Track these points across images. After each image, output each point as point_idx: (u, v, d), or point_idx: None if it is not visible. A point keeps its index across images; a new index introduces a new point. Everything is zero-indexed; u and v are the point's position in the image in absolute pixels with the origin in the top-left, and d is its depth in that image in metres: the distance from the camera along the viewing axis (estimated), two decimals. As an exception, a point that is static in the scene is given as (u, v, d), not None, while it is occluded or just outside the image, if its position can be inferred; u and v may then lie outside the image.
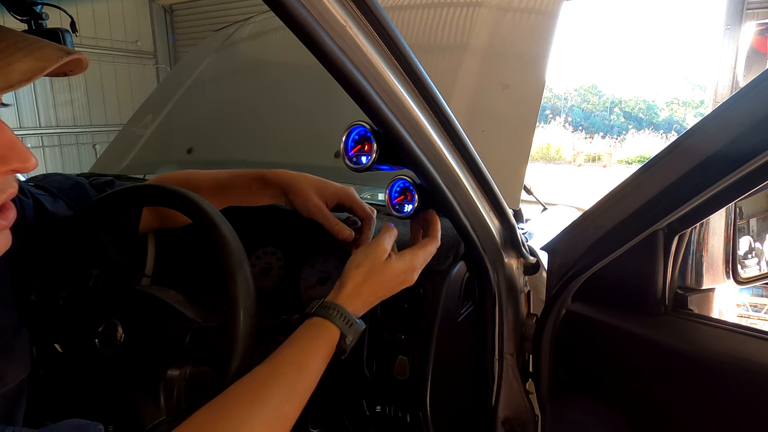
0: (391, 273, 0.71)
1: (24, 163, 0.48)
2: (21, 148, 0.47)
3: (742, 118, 0.59)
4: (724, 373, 0.65)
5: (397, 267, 0.72)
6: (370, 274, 0.70)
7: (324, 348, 0.63)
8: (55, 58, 0.46)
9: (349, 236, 0.83)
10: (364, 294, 0.69)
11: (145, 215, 0.88)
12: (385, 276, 0.71)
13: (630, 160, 15.71)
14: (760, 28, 4.54)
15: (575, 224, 0.81)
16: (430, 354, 0.81)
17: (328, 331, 0.64)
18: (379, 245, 0.72)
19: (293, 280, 0.93)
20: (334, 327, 0.65)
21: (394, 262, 0.72)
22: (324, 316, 0.65)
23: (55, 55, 0.46)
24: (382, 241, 0.72)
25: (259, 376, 0.58)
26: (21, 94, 6.63)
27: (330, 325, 0.65)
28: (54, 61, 0.46)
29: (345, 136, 0.69)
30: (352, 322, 0.66)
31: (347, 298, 0.68)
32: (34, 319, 0.69)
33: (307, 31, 0.47)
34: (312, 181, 0.86)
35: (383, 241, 0.72)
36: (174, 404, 0.64)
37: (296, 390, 0.59)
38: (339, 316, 0.65)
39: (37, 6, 1.21)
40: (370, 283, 0.69)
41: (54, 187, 0.79)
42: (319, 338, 0.64)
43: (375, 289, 0.70)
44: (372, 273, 0.70)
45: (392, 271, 0.71)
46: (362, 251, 0.72)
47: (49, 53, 0.46)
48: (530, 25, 1.31)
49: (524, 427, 0.93)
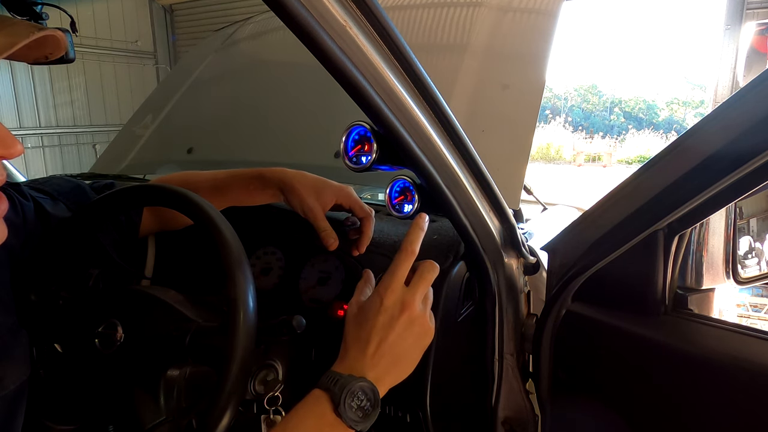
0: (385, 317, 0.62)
1: (9, 149, 0.47)
2: (5, 134, 0.47)
3: (742, 118, 0.59)
4: (724, 373, 0.65)
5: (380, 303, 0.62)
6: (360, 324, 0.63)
7: (314, 417, 0.57)
8: (25, 34, 0.46)
9: (333, 245, 0.82)
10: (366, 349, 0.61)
11: (145, 217, 0.88)
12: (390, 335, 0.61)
13: (630, 160, 15.72)
14: (760, 28, 4.55)
15: (575, 224, 0.81)
16: (430, 354, 0.81)
17: (316, 398, 0.58)
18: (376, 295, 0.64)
19: (293, 280, 0.93)
20: (320, 390, 0.58)
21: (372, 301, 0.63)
22: (320, 386, 0.59)
23: (25, 31, 0.46)
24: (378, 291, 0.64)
25: None
26: (21, 94, 6.64)
27: (317, 391, 0.59)
28: (24, 36, 0.45)
29: (345, 136, 0.69)
30: (336, 378, 0.58)
31: (338, 361, 0.62)
32: (34, 319, 0.69)
33: (307, 31, 0.47)
34: (310, 179, 0.86)
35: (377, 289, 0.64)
36: (174, 404, 0.64)
37: None
38: (325, 378, 0.59)
39: (37, 6, 1.21)
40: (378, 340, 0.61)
41: (54, 190, 0.79)
42: (306, 405, 0.58)
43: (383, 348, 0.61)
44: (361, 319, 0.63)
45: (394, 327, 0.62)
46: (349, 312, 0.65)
47: (19, 29, 0.46)
48: (530, 25, 1.31)
49: (524, 427, 0.93)
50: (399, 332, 0.62)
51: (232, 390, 0.57)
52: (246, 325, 0.59)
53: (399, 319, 0.62)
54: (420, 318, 0.64)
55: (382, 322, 0.62)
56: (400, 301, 0.63)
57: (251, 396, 0.69)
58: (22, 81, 6.64)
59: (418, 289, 0.65)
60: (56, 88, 7.07)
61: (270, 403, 0.68)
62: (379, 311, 0.62)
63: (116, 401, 0.65)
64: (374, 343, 0.61)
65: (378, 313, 0.62)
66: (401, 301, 0.63)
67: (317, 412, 0.57)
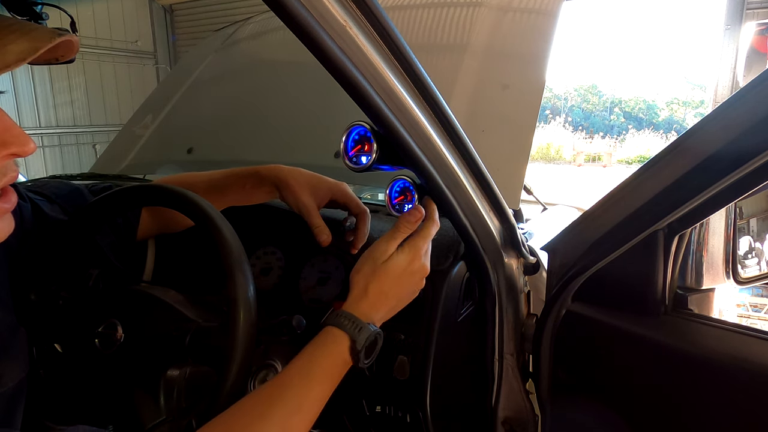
0: (396, 268, 0.69)
1: (23, 147, 0.49)
2: (19, 133, 0.49)
3: (742, 118, 0.59)
4: (724, 373, 0.65)
5: (400, 260, 0.69)
6: (372, 276, 0.68)
7: (333, 356, 0.61)
8: (47, 38, 0.48)
9: (325, 241, 0.83)
10: (372, 296, 0.67)
11: (144, 220, 0.88)
12: (390, 273, 0.68)
13: (630, 160, 15.71)
14: (760, 28, 4.55)
15: (575, 224, 0.81)
16: (430, 354, 0.81)
17: (335, 338, 0.62)
18: (377, 247, 0.70)
19: (293, 280, 0.93)
20: (342, 333, 0.63)
21: (395, 257, 0.69)
22: (332, 324, 0.64)
23: (47, 36, 0.48)
24: (381, 243, 0.71)
25: (266, 390, 0.58)
26: (21, 94, 6.64)
27: (337, 332, 0.63)
28: (47, 41, 0.47)
29: (345, 136, 0.69)
30: (361, 326, 0.63)
31: (354, 304, 0.66)
32: (34, 318, 0.69)
33: (307, 31, 0.47)
34: (305, 176, 0.86)
35: (382, 242, 0.71)
36: (174, 404, 0.64)
37: (304, 402, 0.58)
38: (347, 321, 0.63)
39: (37, 6, 1.21)
40: (376, 283, 0.67)
41: (52, 193, 0.79)
42: (325, 346, 0.62)
43: (384, 289, 0.68)
44: (374, 274, 0.68)
45: (396, 266, 0.69)
46: (362, 256, 0.70)
47: (41, 35, 0.48)
48: (530, 25, 1.31)
49: (524, 427, 0.93)
50: (408, 280, 0.70)
51: (232, 390, 0.57)
52: (246, 325, 0.59)
53: (411, 269, 0.70)
54: (424, 267, 0.72)
55: (399, 271, 0.69)
56: (416, 253, 0.71)
57: (251, 396, 0.69)
58: (22, 81, 6.64)
59: (426, 241, 0.72)
60: (56, 88, 7.07)
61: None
62: (398, 262, 0.69)
63: (116, 401, 0.65)
64: (387, 289, 0.68)
65: (397, 263, 0.69)
66: (416, 253, 0.71)
67: (336, 351, 0.62)
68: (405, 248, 0.71)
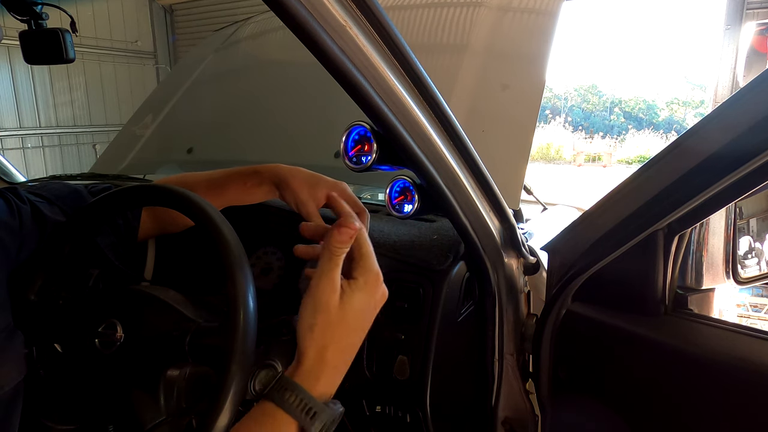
0: (356, 311, 0.54)
1: None
2: None
3: (742, 118, 0.59)
4: (724, 373, 0.65)
5: (359, 297, 0.54)
6: (328, 330, 0.53)
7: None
8: None
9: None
10: (332, 360, 0.53)
11: (144, 221, 0.88)
12: (349, 319, 0.54)
13: (630, 160, 15.72)
14: (760, 28, 4.55)
15: (575, 224, 0.81)
16: (430, 354, 0.81)
17: (276, 423, 0.49)
18: (319, 287, 0.54)
19: (293, 280, 0.93)
20: (287, 417, 0.49)
21: (350, 295, 0.54)
22: (275, 401, 0.50)
23: None
24: (322, 279, 0.54)
25: None
26: (21, 94, 6.64)
27: (281, 415, 0.49)
28: None
29: (345, 136, 0.69)
30: (316, 410, 0.49)
31: (309, 374, 0.52)
32: (34, 319, 0.69)
33: (307, 31, 0.47)
34: (304, 175, 0.86)
35: (322, 278, 0.54)
36: (174, 404, 0.64)
37: None
38: (296, 401, 0.50)
39: (37, 6, 1.21)
40: (335, 341, 0.53)
41: (51, 194, 0.79)
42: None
43: (346, 343, 0.54)
44: (330, 327, 0.53)
45: (356, 307, 0.54)
46: (308, 303, 0.54)
47: None
48: (530, 25, 1.31)
49: (524, 427, 0.93)
50: (371, 317, 0.57)
51: (232, 390, 0.57)
52: (246, 325, 0.59)
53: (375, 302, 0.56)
54: (385, 292, 0.58)
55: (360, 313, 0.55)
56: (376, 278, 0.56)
57: (251, 396, 0.69)
58: (22, 81, 6.64)
59: (371, 253, 0.57)
60: (56, 88, 7.07)
61: (270, 403, 0.68)
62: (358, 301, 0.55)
63: (116, 401, 0.65)
64: (351, 342, 0.55)
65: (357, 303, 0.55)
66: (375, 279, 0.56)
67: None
68: (357, 278, 0.55)
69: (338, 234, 0.53)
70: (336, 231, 0.53)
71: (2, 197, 0.71)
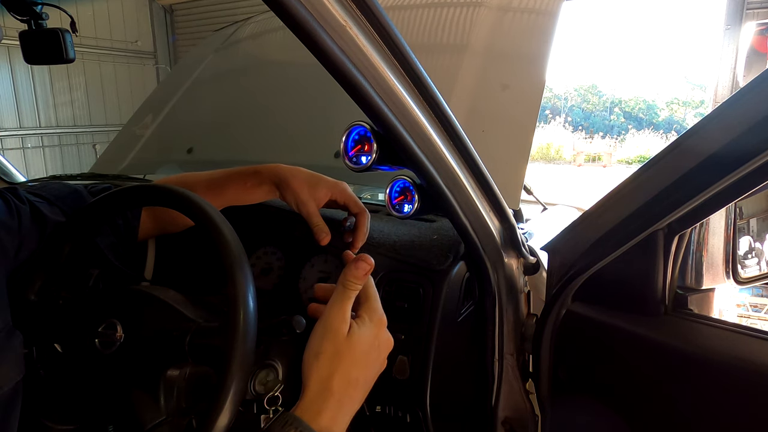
0: (363, 343, 0.54)
1: None
2: None
3: (742, 118, 0.59)
4: (724, 373, 0.65)
5: (365, 332, 0.55)
6: (336, 359, 0.53)
7: None
8: None
9: (325, 240, 0.81)
10: (339, 392, 0.52)
11: (143, 221, 0.88)
12: (356, 351, 0.54)
13: (630, 160, 15.72)
14: (760, 28, 4.55)
15: (575, 224, 0.81)
16: (430, 354, 0.81)
17: None
18: (331, 314, 0.55)
19: (293, 280, 0.93)
20: None
21: (358, 328, 0.55)
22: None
23: None
24: (333, 308, 0.55)
25: None
26: (21, 94, 6.65)
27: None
28: None
29: (345, 136, 0.69)
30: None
31: (311, 404, 0.51)
32: (34, 319, 0.69)
33: (307, 31, 0.47)
34: (304, 174, 0.86)
35: (334, 307, 0.55)
36: (174, 404, 0.64)
37: None
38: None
39: (37, 6, 1.21)
40: (342, 370, 0.52)
41: (51, 195, 0.79)
42: None
43: (353, 376, 0.53)
44: (338, 355, 0.53)
45: (363, 341, 0.54)
46: (318, 329, 0.55)
47: None
48: (530, 25, 1.31)
49: (524, 427, 0.93)
50: (376, 359, 0.58)
51: (232, 390, 0.57)
52: (246, 325, 0.59)
53: (379, 342, 0.57)
54: (390, 338, 0.60)
55: (366, 347, 0.55)
56: (380, 320, 0.58)
57: (251, 396, 0.69)
58: (22, 81, 6.64)
59: (378, 299, 0.59)
60: (56, 88, 7.07)
61: (270, 403, 0.68)
62: (364, 335, 0.56)
63: (116, 401, 0.65)
64: (357, 375, 0.55)
65: (364, 336, 0.56)
66: (380, 321, 0.58)
67: None
68: (363, 316, 0.57)
69: (354, 269, 0.56)
70: (353, 265, 0.56)
71: (1, 197, 0.71)
